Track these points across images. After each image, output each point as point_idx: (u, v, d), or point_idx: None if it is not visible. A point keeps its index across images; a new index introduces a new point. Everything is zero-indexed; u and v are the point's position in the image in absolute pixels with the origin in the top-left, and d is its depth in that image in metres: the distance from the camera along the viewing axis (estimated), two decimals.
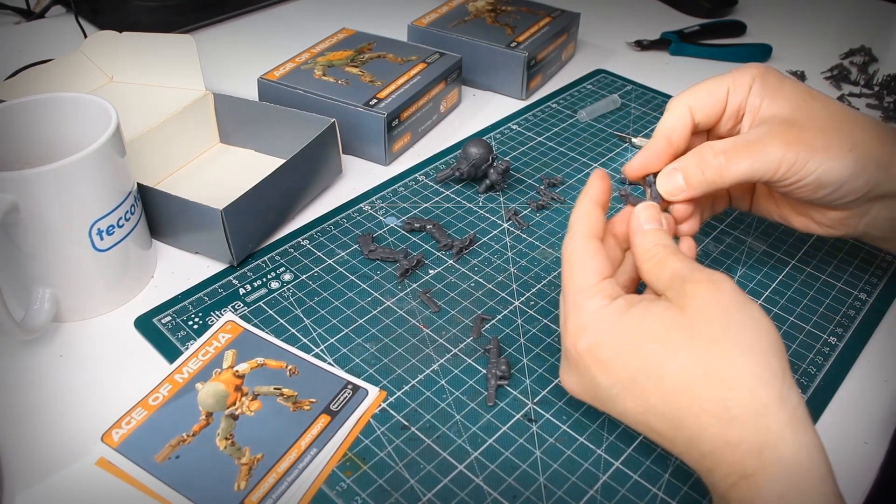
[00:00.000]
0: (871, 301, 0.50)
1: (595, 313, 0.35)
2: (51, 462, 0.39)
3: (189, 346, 0.45)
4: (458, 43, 0.70)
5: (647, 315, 0.35)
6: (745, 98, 0.42)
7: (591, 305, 0.36)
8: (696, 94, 0.42)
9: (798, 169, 0.39)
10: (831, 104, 0.41)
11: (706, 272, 0.35)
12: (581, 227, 0.38)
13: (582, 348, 0.35)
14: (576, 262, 0.37)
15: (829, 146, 0.39)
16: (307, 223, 0.55)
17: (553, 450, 0.40)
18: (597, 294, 0.36)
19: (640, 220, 0.39)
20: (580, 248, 0.37)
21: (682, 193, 0.40)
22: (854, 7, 0.94)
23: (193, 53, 0.60)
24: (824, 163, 0.39)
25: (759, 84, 0.41)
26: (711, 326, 0.33)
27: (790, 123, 0.40)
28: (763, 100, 0.41)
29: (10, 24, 0.82)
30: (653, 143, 0.41)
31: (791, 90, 0.41)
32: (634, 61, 0.79)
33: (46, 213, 0.41)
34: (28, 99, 0.46)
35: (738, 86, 0.42)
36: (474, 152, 0.57)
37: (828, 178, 0.40)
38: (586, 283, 0.36)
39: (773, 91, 0.41)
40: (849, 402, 0.43)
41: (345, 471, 0.38)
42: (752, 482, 0.31)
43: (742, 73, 0.42)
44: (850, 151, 0.39)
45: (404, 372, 0.44)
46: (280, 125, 0.58)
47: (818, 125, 0.40)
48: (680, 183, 0.40)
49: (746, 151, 0.39)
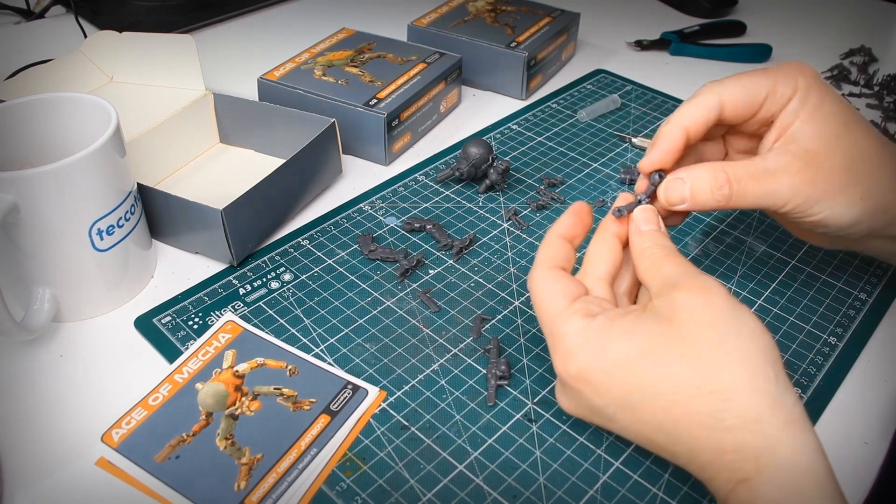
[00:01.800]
0: (870, 301, 0.50)
1: (578, 336, 0.35)
2: (51, 462, 0.39)
3: (189, 346, 0.45)
4: (458, 43, 0.70)
5: (634, 331, 0.34)
6: (780, 109, 0.40)
7: (571, 329, 0.35)
8: (732, 89, 0.39)
9: (806, 208, 0.39)
10: (862, 140, 0.39)
11: (697, 279, 0.35)
12: (541, 258, 0.38)
13: (573, 373, 0.35)
14: (540, 291, 0.37)
15: (844, 191, 0.38)
16: (307, 223, 0.55)
17: (553, 450, 0.40)
18: (572, 316, 0.35)
19: (639, 222, 0.39)
20: (541, 278, 0.37)
21: (684, 205, 0.39)
22: (854, 7, 0.94)
23: (193, 53, 0.60)
24: (833, 207, 0.39)
25: (799, 100, 0.39)
26: (702, 337, 0.33)
27: (811, 160, 0.38)
28: (797, 120, 0.39)
29: (10, 24, 0.82)
30: (667, 135, 0.40)
31: (828, 114, 0.39)
32: (634, 61, 0.79)
33: (46, 213, 0.41)
34: (28, 99, 0.46)
35: (778, 95, 0.39)
36: (474, 152, 0.57)
37: (832, 221, 0.39)
38: (558, 307, 0.36)
39: (809, 113, 0.39)
40: (849, 402, 0.43)
41: (345, 471, 0.38)
42: (749, 486, 0.31)
43: (785, 80, 0.39)
44: (862, 200, 0.39)
45: (404, 372, 0.44)
46: (280, 125, 0.58)
47: (839, 164, 0.38)
48: (685, 195, 0.39)
49: (759, 184, 0.39)
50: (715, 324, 0.33)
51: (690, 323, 0.33)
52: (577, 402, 0.36)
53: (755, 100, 0.39)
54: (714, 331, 0.33)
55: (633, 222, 0.39)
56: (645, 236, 0.38)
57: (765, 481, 0.31)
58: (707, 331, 0.33)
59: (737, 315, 0.33)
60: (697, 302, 0.34)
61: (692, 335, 0.33)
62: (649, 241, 0.38)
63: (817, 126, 0.39)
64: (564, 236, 0.39)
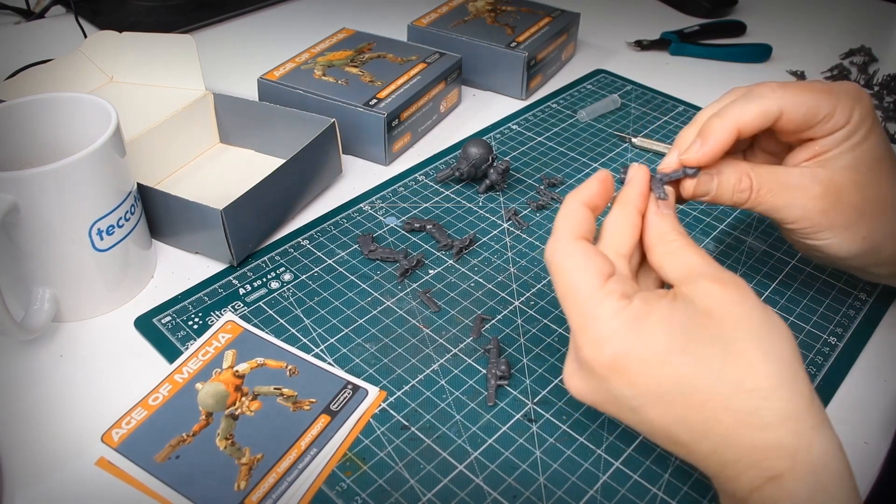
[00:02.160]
0: (871, 301, 0.50)
1: (614, 319, 0.32)
2: (51, 462, 0.39)
3: (189, 346, 0.45)
4: (458, 43, 0.70)
5: (672, 319, 0.32)
6: (826, 136, 0.39)
7: (606, 311, 0.33)
8: (795, 101, 0.38)
9: (812, 232, 0.40)
10: (883, 182, 0.40)
11: (725, 272, 0.34)
12: (565, 227, 0.35)
13: (605, 359, 0.32)
14: (569, 266, 0.34)
15: (850, 228, 0.40)
16: (307, 223, 0.55)
17: (553, 450, 0.40)
18: (608, 296, 0.33)
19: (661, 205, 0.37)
20: (568, 251, 0.34)
21: (707, 197, 0.40)
22: (854, 7, 0.94)
23: (193, 53, 0.60)
24: (835, 238, 0.40)
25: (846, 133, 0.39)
26: (740, 335, 0.32)
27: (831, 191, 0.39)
28: (836, 150, 0.39)
29: (10, 24, 0.82)
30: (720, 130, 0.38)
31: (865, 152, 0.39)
32: (634, 61, 0.79)
33: (46, 213, 0.41)
34: (28, 99, 0.46)
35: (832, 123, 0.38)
36: (474, 152, 0.57)
37: (830, 250, 0.41)
38: (591, 286, 0.33)
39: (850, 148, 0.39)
40: (849, 402, 0.43)
41: (345, 471, 0.38)
42: (779, 483, 0.31)
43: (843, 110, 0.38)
44: (864, 239, 0.40)
45: (404, 372, 0.44)
46: (280, 125, 0.58)
47: (855, 203, 0.40)
48: (712, 190, 0.40)
49: (776, 198, 0.40)
50: (750, 322, 0.33)
51: (729, 319, 0.33)
52: (598, 388, 0.34)
53: (813, 119, 0.38)
54: (750, 329, 0.33)
55: (654, 203, 0.37)
56: (664, 220, 0.37)
57: (797, 479, 0.31)
58: (744, 328, 0.33)
59: (767, 314, 0.33)
60: (732, 297, 0.33)
61: (732, 332, 0.32)
62: (668, 226, 0.36)
63: (851, 162, 0.39)
64: (588, 204, 0.36)
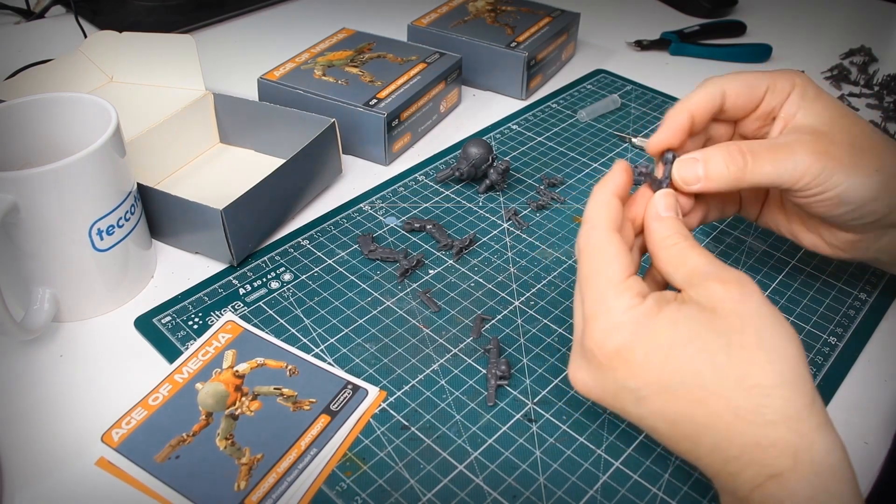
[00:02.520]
0: (871, 301, 0.50)
1: (626, 313, 0.34)
2: (51, 462, 0.39)
3: (189, 346, 0.45)
4: (458, 43, 0.70)
5: (679, 317, 0.33)
6: (781, 103, 0.41)
7: (620, 304, 0.34)
8: (735, 81, 0.41)
9: (823, 181, 0.39)
10: (863, 123, 0.41)
11: (730, 272, 0.34)
12: (603, 219, 0.36)
13: (611, 349, 0.34)
14: (601, 256, 0.35)
15: (857, 163, 0.39)
16: (307, 223, 0.55)
17: (553, 450, 0.40)
18: (626, 291, 0.34)
19: (659, 207, 0.38)
20: (605, 242, 0.35)
21: (699, 184, 0.39)
22: (854, 7, 0.94)
23: (193, 53, 0.60)
24: (849, 178, 0.39)
25: (798, 94, 0.40)
26: (746, 332, 0.33)
27: (821, 135, 0.39)
28: (799, 110, 0.40)
29: (10, 24, 0.82)
30: (674, 117, 0.40)
31: (826, 104, 0.40)
32: (634, 61, 0.79)
33: (46, 213, 0.41)
34: (28, 99, 0.46)
35: (778, 90, 0.41)
36: (474, 152, 0.57)
37: (850, 196, 0.39)
38: (615, 279, 0.34)
39: (810, 103, 0.40)
40: (849, 402, 0.43)
41: (345, 471, 0.38)
42: (781, 482, 0.31)
43: (783, 78, 0.41)
44: (877, 172, 0.39)
45: (404, 372, 0.44)
46: (280, 125, 0.58)
47: (848, 140, 0.39)
48: (699, 173, 0.39)
49: (774, 154, 0.39)
50: (756, 320, 0.33)
51: (734, 316, 0.33)
52: (602, 380, 0.35)
53: (756, 93, 0.41)
54: (755, 326, 0.33)
55: (652, 206, 0.38)
56: (665, 223, 0.37)
57: (799, 478, 0.31)
58: (750, 326, 0.33)
59: (773, 313, 0.33)
60: (736, 295, 0.33)
61: (736, 328, 0.33)
62: (670, 229, 0.37)
63: (818, 113, 0.40)
64: (618, 194, 0.37)
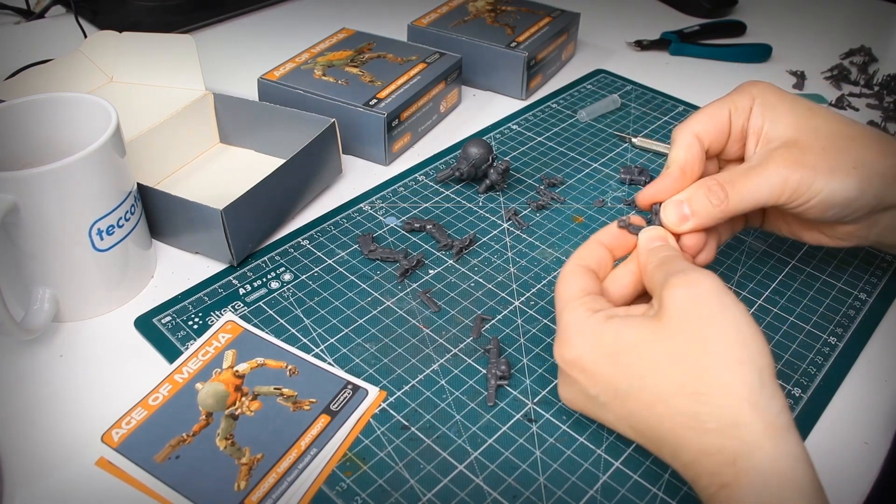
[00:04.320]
0: (871, 301, 0.50)
1: (576, 325, 0.36)
2: (51, 462, 0.39)
3: (189, 346, 0.45)
4: (458, 43, 0.70)
5: (625, 326, 0.35)
6: (746, 120, 0.42)
7: (573, 318, 0.37)
8: (700, 121, 0.42)
9: (803, 191, 0.39)
10: (832, 119, 0.41)
11: (687, 274, 0.35)
12: (574, 256, 0.40)
13: (568, 359, 0.36)
14: (561, 282, 0.39)
15: (833, 167, 0.39)
16: (307, 223, 0.55)
17: (553, 450, 0.40)
18: (578, 307, 0.37)
19: (643, 242, 0.40)
20: (567, 272, 0.39)
21: (689, 223, 0.40)
22: (854, 7, 0.94)
23: (193, 53, 0.60)
24: (829, 183, 0.39)
25: (759, 105, 0.41)
26: (689, 336, 0.33)
27: (792, 145, 0.40)
28: (765, 121, 0.41)
29: (10, 24, 0.82)
30: (667, 174, 0.41)
31: (791, 106, 0.41)
32: (634, 61, 0.79)
33: (46, 213, 0.41)
34: (28, 99, 0.46)
35: (739, 109, 0.42)
36: (474, 152, 0.57)
37: (834, 199, 0.40)
38: (570, 296, 0.38)
39: (772, 111, 0.41)
40: (849, 402, 0.43)
41: (345, 471, 0.38)
42: (729, 492, 0.31)
43: (741, 94, 0.42)
44: (855, 169, 0.39)
45: (404, 372, 0.44)
46: (280, 125, 0.58)
47: (820, 144, 0.40)
48: (685, 211, 0.40)
49: (750, 180, 0.40)
50: (702, 322, 0.33)
51: (678, 319, 0.34)
52: (573, 390, 0.38)
53: (722, 120, 0.42)
54: (701, 330, 0.33)
55: (641, 246, 0.40)
56: (651, 253, 0.39)
57: (742, 486, 0.30)
58: (694, 329, 0.33)
59: (725, 311, 0.33)
60: (683, 296, 0.34)
61: (680, 332, 0.33)
62: (654, 255, 0.38)
63: (785, 119, 0.41)
64: (605, 245, 0.41)
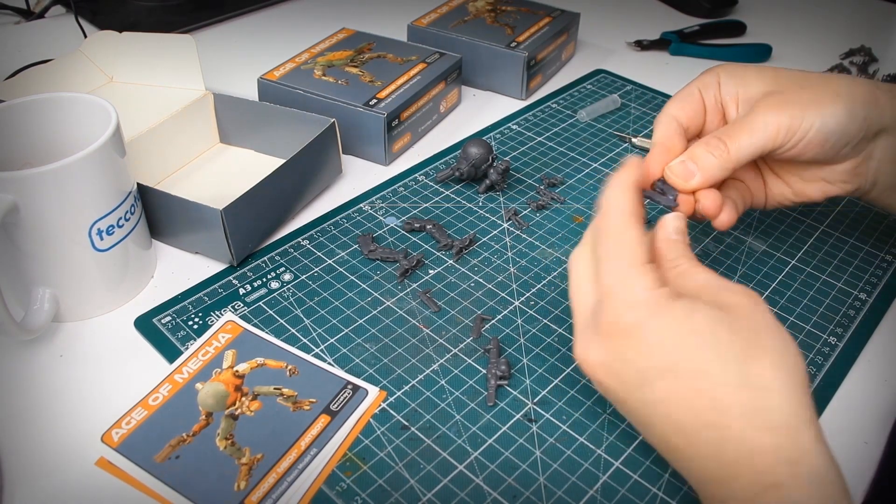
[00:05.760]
0: (871, 301, 0.50)
1: (646, 292, 0.34)
2: (51, 462, 0.39)
3: (189, 346, 0.45)
4: (458, 43, 0.70)
5: (696, 308, 0.34)
6: (717, 92, 0.44)
7: (642, 283, 0.35)
8: (673, 105, 0.44)
9: (796, 127, 0.41)
10: (798, 71, 0.44)
11: (740, 287, 0.35)
12: (625, 204, 0.37)
13: (627, 324, 0.34)
14: (623, 237, 0.36)
15: (815, 98, 0.42)
16: (307, 223, 0.55)
17: (553, 450, 0.40)
18: (648, 274, 0.35)
19: (669, 230, 0.39)
20: (627, 225, 0.36)
21: (696, 177, 0.41)
22: (854, 7, 0.94)
23: (193, 53, 0.60)
24: (818, 115, 0.41)
25: (726, 76, 0.44)
26: (755, 338, 0.33)
27: (770, 93, 0.42)
28: (738, 87, 0.44)
29: (10, 24, 0.82)
30: (652, 153, 0.43)
31: (756, 70, 0.44)
32: (634, 61, 0.79)
33: (46, 213, 0.41)
34: (28, 99, 0.46)
35: (706, 85, 0.44)
36: (474, 152, 0.57)
37: (828, 127, 0.41)
38: (637, 260, 0.35)
39: (740, 77, 0.44)
40: (849, 402, 0.43)
41: (345, 471, 0.38)
42: (780, 492, 0.31)
43: (705, 75, 0.45)
44: (838, 96, 0.42)
45: (404, 372, 0.44)
46: (280, 125, 0.58)
47: (796, 85, 0.42)
48: (691, 168, 0.41)
49: (745, 128, 0.42)
50: (766, 328, 0.34)
51: (746, 320, 0.34)
52: (612, 357, 0.35)
53: (694, 98, 0.44)
54: (764, 336, 0.34)
55: (663, 229, 0.39)
56: (674, 245, 0.38)
57: (799, 487, 0.30)
58: (760, 333, 0.34)
59: (779, 329, 0.34)
60: (748, 305, 0.34)
61: (747, 331, 0.33)
62: (678, 251, 0.38)
63: (755, 80, 0.43)
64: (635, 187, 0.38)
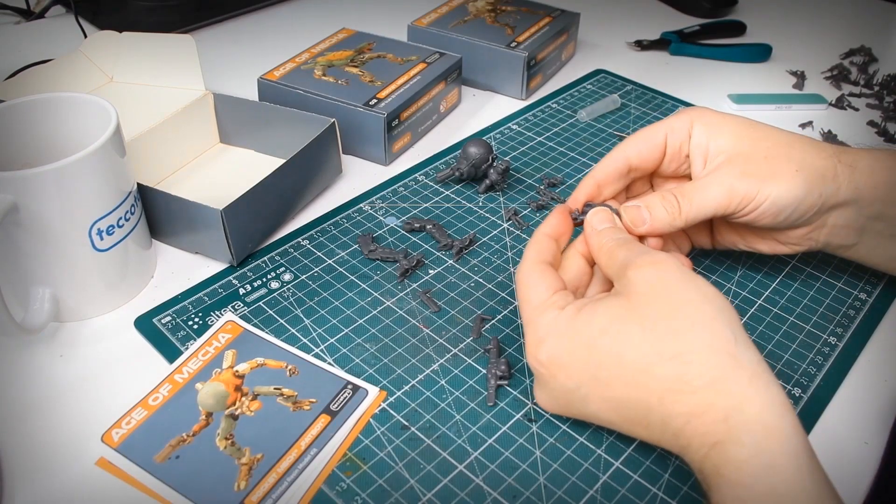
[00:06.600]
0: (871, 301, 0.50)
1: (549, 325, 0.37)
2: (51, 462, 0.39)
3: (189, 346, 0.45)
4: (458, 43, 0.70)
5: (594, 312, 0.36)
6: (685, 140, 0.45)
7: (545, 319, 0.37)
8: (632, 143, 0.45)
9: (752, 197, 0.42)
10: (770, 130, 0.44)
11: (647, 255, 0.37)
12: (530, 255, 0.41)
13: (543, 359, 0.37)
14: (526, 284, 0.39)
15: (776, 171, 0.42)
16: (307, 223, 0.55)
17: (553, 450, 0.40)
18: (549, 308, 0.38)
19: (593, 224, 0.42)
20: (529, 272, 0.40)
21: (646, 226, 0.43)
22: (854, 7, 0.94)
23: (193, 53, 0.60)
24: (776, 187, 0.42)
25: (700, 125, 0.44)
26: (657, 307, 0.35)
27: (736, 157, 0.43)
28: (709, 139, 0.44)
29: (10, 24, 0.82)
30: (584, 183, 0.45)
31: (730, 124, 0.44)
32: (634, 61, 0.79)
33: (46, 213, 0.41)
34: (28, 99, 0.46)
35: (676, 130, 0.45)
36: (474, 152, 0.57)
37: (783, 201, 0.42)
38: (538, 299, 0.38)
39: (715, 128, 0.44)
40: (849, 402, 0.43)
41: (345, 471, 0.38)
42: (720, 449, 0.32)
43: (678, 117, 0.45)
44: (798, 172, 0.42)
45: (404, 372, 0.44)
46: (280, 125, 0.58)
47: (762, 154, 0.43)
48: (645, 216, 0.42)
49: (702, 191, 0.43)
50: (668, 293, 0.35)
51: (645, 296, 0.35)
52: (551, 391, 0.38)
53: (656, 142, 0.45)
54: (668, 300, 0.35)
55: (588, 226, 0.42)
56: (601, 234, 0.41)
57: (734, 441, 0.31)
58: (662, 300, 0.35)
59: (689, 282, 0.35)
60: (649, 275, 0.36)
61: (648, 306, 0.35)
62: (605, 237, 0.40)
63: (726, 135, 0.44)
64: (549, 234, 0.42)
